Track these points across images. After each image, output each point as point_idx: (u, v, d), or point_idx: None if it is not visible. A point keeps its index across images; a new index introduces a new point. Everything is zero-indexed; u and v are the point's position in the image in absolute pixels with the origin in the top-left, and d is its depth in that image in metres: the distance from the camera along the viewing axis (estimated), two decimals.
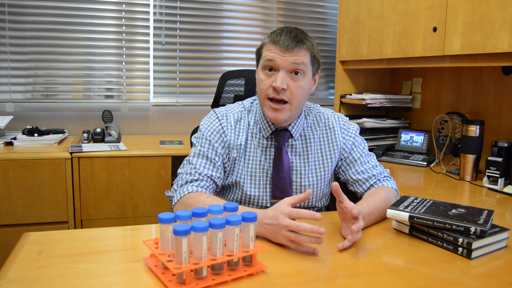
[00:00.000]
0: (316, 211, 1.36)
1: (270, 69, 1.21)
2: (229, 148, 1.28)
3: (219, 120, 1.30)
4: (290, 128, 1.29)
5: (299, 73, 1.20)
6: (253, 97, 1.40)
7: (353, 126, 1.38)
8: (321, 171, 1.33)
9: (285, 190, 1.28)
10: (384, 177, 1.32)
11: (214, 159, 1.25)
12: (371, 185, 1.30)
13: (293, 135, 1.30)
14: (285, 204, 0.98)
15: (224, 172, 1.30)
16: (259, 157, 1.29)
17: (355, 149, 1.34)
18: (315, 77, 1.28)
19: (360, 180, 1.31)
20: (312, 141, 1.33)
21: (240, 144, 1.29)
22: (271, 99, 1.21)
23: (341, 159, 1.35)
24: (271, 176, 1.29)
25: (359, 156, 1.33)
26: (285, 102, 1.20)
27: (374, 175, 1.31)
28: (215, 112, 1.33)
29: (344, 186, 1.43)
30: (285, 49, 1.17)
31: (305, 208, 1.33)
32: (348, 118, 1.42)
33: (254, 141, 1.30)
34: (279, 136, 1.29)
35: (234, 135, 1.29)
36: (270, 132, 1.29)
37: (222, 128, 1.29)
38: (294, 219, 0.96)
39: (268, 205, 1.30)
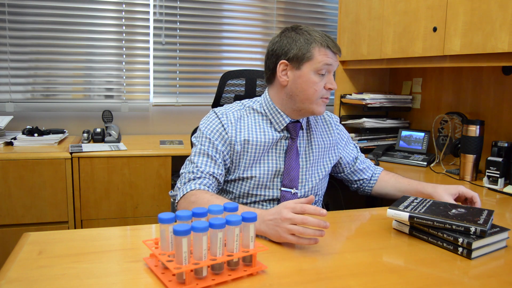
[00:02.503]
0: (317, 200, 1.44)
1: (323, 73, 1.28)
2: (230, 145, 1.30)
3: (219, 118, 1.32)
4: (301, 119, 1.37)
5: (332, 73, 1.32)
6: (254, 98, 1.42)
7: (342, 126, 1.54)
8: (324, 161, 1.42)
9: (294, 179, 1.33)
10: (375, 168, 1.54)
11: (215, 156, 1.27)
12: (374, 173, 1.52)
13: (303, 127, 1.38)
14: (289, 201, 1.00)
15: (228, 169, 1.32)
16: (268, 150, 1.33)
17: (352, 146, 1.52)
18: None
19: (365, 168, 1.52)
20: (314, 133, 1.41)
21: (244, 139, 1.31)
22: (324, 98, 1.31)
23: (341, 157, 1.48)
24: (284, 166, 1.33)
25: (357, 151, 1.53)
26: None
27: (371, 165, 1.54)
28: (215, 112, 1.36)
29: (338, 181, 1.57)
30: (336, 53, 1.28)
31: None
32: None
33: (262, 136, 1.32)
34: (293, 127, 1.35)
35: (235, 132, 1.31)
36: (285, 125, 1.34)
37: (223, 125, 1.31)
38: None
39: (278, 194, 1.33)
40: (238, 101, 1.41)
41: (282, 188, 1.32)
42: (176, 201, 1.23)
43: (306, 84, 1.27)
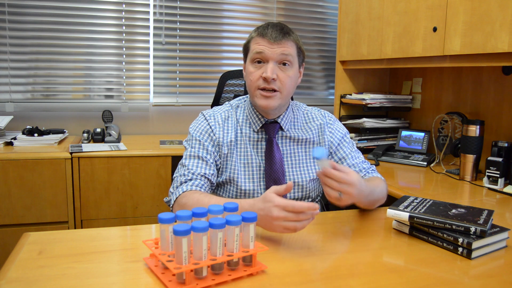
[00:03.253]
0: (311, 202, 1.37)
1: (259, 62, 1.25)
2: (218, 146, 1.30)
3: (207, 120, 1.33)
4: (279, 120, 1.33)
5: (287, 64, 1.24)
6: (241, 96, 1.43)
7: (340, 124, 1.44)
8: (313, 162, 1.36)
9: (279, 182, 1.30)
10: (372, 170, 1.38)
11: (206, 157, 1.27)
12: (362, 177, 1.32)
13: (283, 127, 1.33)
14: (274, 195, 0.96)
15: (218, 170, 1.32)
16: (250, 151, 1.31)
17: (345, 144, 1.39)
18: (300, 70, 1.33)
19: None
20: (301, 133, 1.37)
21: (231, 141, 1.31)
22: (261, 89, 1.25)
23: (330, 154, 1.38)
24: (264, 168, 1.30)
25: (349, 151, 1.38)
26: (275, 91, 1.24)
27: (364, 168, 1.36)
28: (203, 114, 1.37)
29: None
30: (273, 40, 1.21)
31: (300, 199, 1.35)
32: (335, 116, 1.46)
33: (244, 137, 1.32)
34: (269, 128, 1.32)
35: (223, 133, 1.31)
36: (261, 125, 1.32)
37: (211, 127, 1.31)
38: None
39: None
40: (227, 102, 1.42)
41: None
42: (171, 206, 1.23)
43: (246, 76, 1.29)
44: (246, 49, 1.30)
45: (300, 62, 1.30)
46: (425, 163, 2.02)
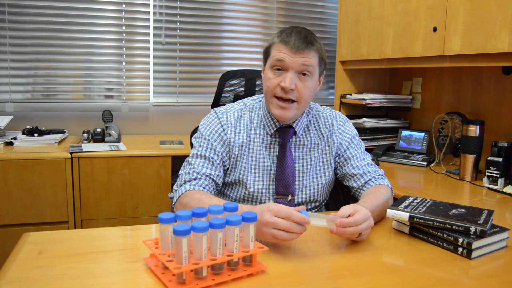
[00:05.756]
0: (317, 205, 1.39)
1: (279, 69, 1.22)
2: (229, 146, 1.29)
3: (219, 119, 1.31)
4: (294, 125, 1.31)
5: (307, 74, 1.22)
6: (256, 96, 1.41)
7: (350, 125, 1.41)
8: (324, 167, 1.36)
9: (288, 186, 1.29)
10: (379, 175, 1.35)
11: (213, 158, 1.26)
12: (366, 182, 1.32)
13: (297, 132, 1.32)
14: (275, 204, 0.95)
15: (226, 170, 1.31)
16: (262, 154, 1.31)
17: (353, 146, 1.37)
18: (320, 78, 1.30)
19: (356, 175, 1.33)
20: (314, 138, 1.35)
21: (242, 142, 1.30)
22: (277, 98, 1.23)
23: (338, 155, 1.37)
24: (275, 172, 1.30)
25: (355, 153, 1.36)
26: (292, 101, 1.22)
27: (369, 172, 1.33)
28: (215, 111, 1.34)
29: (338, 181, 1.46)
30: (295, 50, 1.18)
31: (307, 202, 1.35)
32: (346, 117, 1.44)
33: (257, 138, 1.31)
34: (284, 133, 1.30)
35: (234, 133, 1.30)
36: (275, 129, 1.30)
37: (222, 126, 1.30)
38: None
39: (271, 201, 1.29)
40: (241, 100, 1.40)
41: (276, 196, 1.30)
42: (173, 203, 1.23)
43: (264, 81, 1.27)
44: (267, 53, 1.26)
45: (320, 72, 1.27)
46: (425, 163, 2.02)
